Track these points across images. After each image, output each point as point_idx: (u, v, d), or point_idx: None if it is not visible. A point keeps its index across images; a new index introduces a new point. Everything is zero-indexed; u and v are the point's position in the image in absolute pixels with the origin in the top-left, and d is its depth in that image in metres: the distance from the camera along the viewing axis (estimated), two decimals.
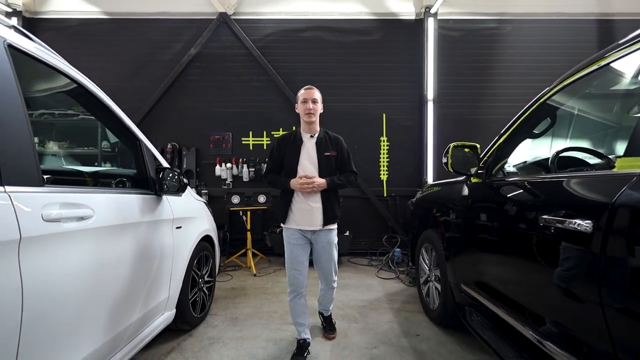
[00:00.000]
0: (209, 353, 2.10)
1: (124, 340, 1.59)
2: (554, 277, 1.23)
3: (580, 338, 1.13)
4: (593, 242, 1.02)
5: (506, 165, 1.95)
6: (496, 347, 1.61)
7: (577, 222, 1.08)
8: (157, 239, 1.88)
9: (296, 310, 2.10)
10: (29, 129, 1.11)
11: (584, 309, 1.08)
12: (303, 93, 2.04)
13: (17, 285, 0.98)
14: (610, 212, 0.98)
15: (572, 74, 1.45)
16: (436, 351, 2.13)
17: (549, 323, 1.28)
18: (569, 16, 4.56)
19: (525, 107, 1.71)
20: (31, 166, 1.11)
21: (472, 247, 1.93)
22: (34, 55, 1.25)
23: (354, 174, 2.15)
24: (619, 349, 0.96)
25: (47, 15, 4.60)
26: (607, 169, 1.12)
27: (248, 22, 4.65)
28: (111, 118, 1.78)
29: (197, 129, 4.68)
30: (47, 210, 1.11)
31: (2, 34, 1.13)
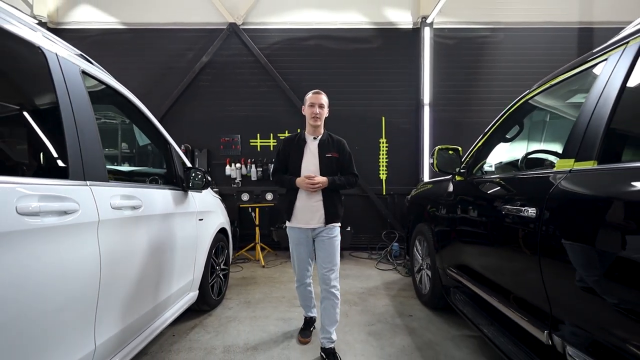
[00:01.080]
0: (227, 329, 2.42)
1: (163, 309, 1.91)
2: (512, 255, 1.54)
3: (530, 301, 1.43)
4: (536, 225, 1.33)
5: (485, 165, 2.26)
6: (472, 317, 1.92)
7: (527, 210, 1.39)
8: (185, 228, 2.20)
9: (303, 296, 2.30)
10: (99, 138, 1.44)
11: (531, 277, 1.39)
12: (311, 97, 2.09)
13: (96, 255, 1.30)
14: (546, 202, 1.29)
15: (535, 88, 1.76)
16: (426, 328, 2.44)
17: (510, 292, 1.58)
18: (556, 25, 4.84)
19: (498, 115, 2.02)
20: (101, 167, 1.43)
21: (456, 236, 2.23)
22: (97, 77, 1.58)
23: (355, 176, 2.16)
24: (553, 305, 1.27)
25: (69, 26, 4.94)
26: (551, 168, 1.43)
27: (256, 32, 4.97)
28: (148, 126, 2.10)
29: (209, 131, 5.00)
30: (113, 200, 1.43)
31: (77, 62, 1.45)
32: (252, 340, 2.24)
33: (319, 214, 2.05)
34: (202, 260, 2.49)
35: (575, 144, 1.28)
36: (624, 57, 1.19)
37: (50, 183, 1.14)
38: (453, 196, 2.28)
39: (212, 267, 2.75)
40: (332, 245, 2.06)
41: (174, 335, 2.32)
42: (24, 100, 1.24)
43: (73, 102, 1.31)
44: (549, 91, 1.68)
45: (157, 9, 4.94)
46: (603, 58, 1.30)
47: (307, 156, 2.09)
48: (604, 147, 1.16)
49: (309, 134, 2.14)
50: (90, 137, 1.37)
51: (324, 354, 1.99)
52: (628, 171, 1.03)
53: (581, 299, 1.13)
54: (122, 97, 1.84)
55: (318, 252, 2.11)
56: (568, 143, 1.34)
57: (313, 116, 2.05)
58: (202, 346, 2.16)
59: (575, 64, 1.49)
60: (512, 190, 1.63)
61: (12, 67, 1.19)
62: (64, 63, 1.33)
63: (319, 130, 2.12)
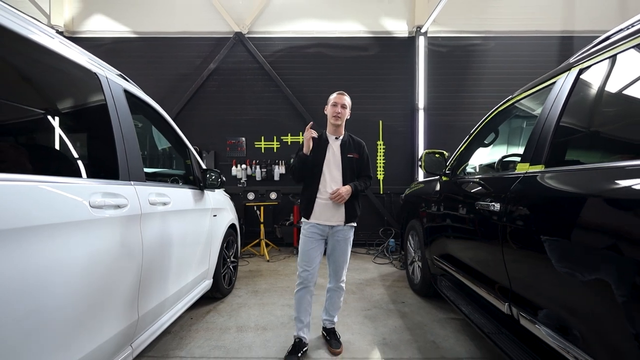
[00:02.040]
0: (239, 313, 2.71)
1: (183, 293, 2.20)
2: (483, 244, 1.83)
3: (496, 280, 1.72)
4: (499, 217, 1.62)
5: (468, 167, 2.54)
6: (454, 299, 2.21)
7: (494, 205, 1.68)
8: (202, 223, 2.49)
9: (301, 305, 2.10)
10: (138, 146, 1.73)
11: (496, 261, 1.67)
12: (335, 97, 2.11)
13: (139, 242, 1.59)
14: (507, 198, 1.58)
15: (505, 102, 2.05)
16: (416, 312, 2.73)
17: (482, 274, 1.87)
18: (542, 33, 5.13)
19: (477, 124, 2.31)
20: (141, 169, 1.72)
21: (441, 229, 2.52)
22: (133, 93, 1.87)
23: (370, 178, 2.23)
24: (513, 284, 1.56)
25: (84, 35, 5.24)
26: (514, 170, 1.71)
27: (260, 40, 5.27)
28: (171, 132, 2.39)
29: (216, 134, 5.29)
30: (150, 197, 1.73)
31: (120, 82, 1.74)
32: (262, 322, 2.53)
33: (340, 212, 2.07)
34: (215, 252, 2.78)
35: (530, 151, 1.57)
36: (567, 81, 1.48)
37: (107, 183, 1.43)
38: (439, 194, 2.57)
39: (224, 259, 3.04)
40: (347, 246, 2.13)
41: (191, 318, 2.61)
42: (88, 118, 1.53)
43: (120, 117, 1.60)
44: (516, 104, 1.98)
45: (167, 19, 5.23)
46: (553, 80, 1.60)
47: (330, 155, 2.11)
48: (549, 154, 1.45)
49: (330, 133, 2.16)
50: (132, 145, 1.66)
51: (325, 333, 2.24)
52: (566, 173, 1.32)
53: (531, 276, 1.42)
54: (151, 108, 2.14)
55: (333, 251, 2.13)
56: (526, 150, 1.63)
57: (334, 115, 2.08)
58: (217, 326, 2.45)
59: (535, 83, 1.78)
60: (485, 188, 1.92)
61: (77, 92, 1.48)
62: (112, 85, 1.63)
63: (340, 130, 2.15)
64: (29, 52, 1.20)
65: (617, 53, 1.23)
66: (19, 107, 1.19)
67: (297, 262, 2.14)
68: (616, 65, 1.25)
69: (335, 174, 2.09)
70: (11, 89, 1.16)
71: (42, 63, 1.29)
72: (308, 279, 2.09)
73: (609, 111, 1.33)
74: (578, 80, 1.42)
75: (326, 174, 2.08)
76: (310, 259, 2.09)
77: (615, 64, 1.25)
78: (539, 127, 1.56)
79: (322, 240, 2.12)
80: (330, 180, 2.07)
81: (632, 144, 1.20)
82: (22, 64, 1.22)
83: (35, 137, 1.35)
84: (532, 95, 1.81)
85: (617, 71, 1.26)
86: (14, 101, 1.17)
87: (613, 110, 1.32)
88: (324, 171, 2.09)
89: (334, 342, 2.15)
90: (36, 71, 1.29)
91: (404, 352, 2.09)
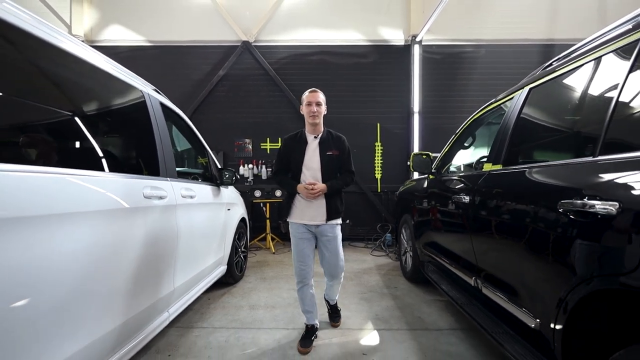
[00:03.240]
0: (250, 295, 3.08)
1: (205, 274, 2.57)
2: (458, 230, 2.19)
3: (467, 259, 2.07)
4: (468, 207, 1.98)
5: (452, 166, 2.90)
6: (437, 280, 2.56)
7: (465, 197, 2.04)
8: (219, 215, 2.86)
9: (305, 300, 2.18)
10: (172, 148, 2.09)
11: (467, 243, 2.03)
12: (308, 96, 2.08)
13: (174, 226, 1.96)
14: (473, 192, 1.94)
15: (478, 111, 2.40)
16: (406, 295, 3.08)
17: (457, 257, 2.23)
18: (528, 41, 5.47)
19: (458, 129, 2.67)
20: (174, 168, 2.09)
21: (428, 220, 2.87)
22: (165, 104, 2.24)
23: (351, 173, 2.20)
24: (478, 261, 1.91)
25: (102, 43, 5.61)
26: (481, 169, 2.07)
27: (266, 48, 5.64)
28: (193, 136, 2.76)
29: (224, 135, 5.66)
30: (182, 191, 2.09)
31: (156, 96, 2.11)
32: (271, 302, 2.90)
33: (321, 211, 2.06)
34: (229, 241, 3.15)
35: (493, 153, 1.93)
36: (520, 97, 1.84)
37: (153, 178, 1.80)
38: (426, 191, 2.93)
39: (236, 248, 3.40)
40: (336, 244, 2.14)
41: (209, 299, 2.97)
42: (139, 127, 1.89)
43: (159, 125, 1.97)
44: (487, 113, 2.33)
45: (180, 28, 5.61)
46: (512, 96, 1.95)
47: (308, 155, 2.08)
48: (506, 155, 1.80)
49: (309, 132, 2.13)
50: (167, 147, 2.03)
51: (329, 308, 2.46)
52: (516, 171, 1.67)
53: (488, 253, 1.78)
54: (177, 116, 2.51)
55: (324, 251, 2.14)
56: (490, 152, 1.99)
57: (311, 115, 2.05)
58: (232, 305, 2.82)
59: (501, 96, 2.14)
60: (460, 184, 2.27)
61: (132, 108, 1.84)
62: (152, 100, 2.00)
63: (318, 128, 2.11)
64: (101, 78, 1.57)
65: (557, 76, 1.58)
66: (95, 123, 1.56)
67: (293, 260, 2.18)
68: (556, 84, 1.61)
69: (315, 174, 2.07)
70: (90, 109, 1.53)
71: (111, 87, 1.66)
72: (305, 275, 2.14)
73: (548, 122, 1.69)
74: (528, 97, 1.78)
75: (306, 174, 2.07)
76: (304, 256, 2.12)
77: (556, 84, 1.61)
78: (500, 133, 1.92)
79: (311, 236, 2.14)
80: (311, 179, 2.07)
81: (561, 149, 1.56)
82: (99, 89, 1.59)
83: (110, 143, 1.72)
84: (497, 106, 2.17)
85: (557, 90, 1.62)
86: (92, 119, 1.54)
87: (551, 122, 1.68)
88: (303, 171, 2.07)
89: (334, 315, 2.42)
90: (107, 93, 1.66)
91: (393, 325, 2.45)
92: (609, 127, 1.13)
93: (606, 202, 0.99)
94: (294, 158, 2.11)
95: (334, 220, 2.12)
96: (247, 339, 2.22)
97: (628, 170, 0.98)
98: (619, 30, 1.23)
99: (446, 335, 2.28)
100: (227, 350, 2.08)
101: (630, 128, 1.08)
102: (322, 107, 2.09)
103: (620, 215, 0.94)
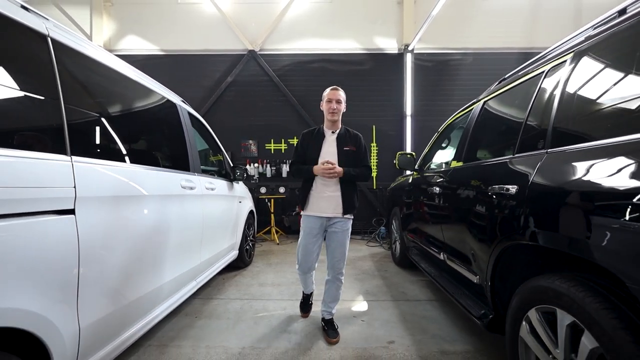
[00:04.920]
0: (258, 276, 3.55)
1: (221, 256, 3.04)
2: (432, 215, 2.65)
3: (437, 238, 2.53)
4: (440, 197, 2.44)
5: (433, 164, 3.36)
6: (418, 261, 3.03)
7: (437, 189, 2.50)
8: (232, 206, 3.34)
9: (305, 281, 2.40)
10: (197, 149, 2.57)
11: (437, 226, 2.49)
12: (329, 93, 2.11)
13: (201, 212, 2.43)
14: (444, 183, 2.40)
15: (452, 117, 2.87)
16: (394, 276, 3.55)
17: (432, 238, 2.69)
18: (510, 49, 5.94)
19: (437, 132, 3.13)
20: (199, 165, 2.56)
21: (412, 210, 3.34)
22: (190, 112, 2.71)
23: (368, 168, 2.21)
24: (446, 240, 2.37)
25: (119, 52, 6.10)
26: (449, 166, 2.53)
27: (270, 57, 6.11)
28: (211, 138, 3.24)
29: (232, 137, 6.14)
30: (206, 184, 2.57)
31: (184, 106, 2.58)
32: (277, 281, 3.37)
33: (335, 204, 2.09)
34: (240, 230, 3.62)
35: (457, 152, 2.39)
36: (477, 108, 2.30)
37: (186, 173, 2.27)
38: (411, 185, 3.39)
39: (245, 237, 3.88)
40: (345, 237, 2.14)
41: (223, 279, 3.45)
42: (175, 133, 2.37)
43: (188, 130, 2.45)
44: (458, 119, 2.80)
45: (191, 38, 6.09)
46: (473, 107, 2.41)
47: (325, 149, 2.12)
48: (465, 154, 2.26)
49: (327, 128, 2.19)
50: (194, 149, 2.51)
51: (324, 324, 2.24)
52: (469, 166, 2.13)
53: (450, 232, 2.25)
54: (199, 122, 2.99)
55: (330, 242, 2.16)
56: (455, 152, 2.45)
57: (331, 111, 2.10)
58: (244, 283, 3.29)
59: (466, 106, 2.60)
60: (435, 178, 2.74)
61: (171, 117, 2.32)
62: (182, 110, 2.47)
63: (336, 124, 2.17)
64: (154, 98, 2.05)
65: (500, 93, 2.04)
66: (155, 130, 2.04)
67: (297, 252, 2.25)
68: (499, 100, 2.07)
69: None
70: (152, 122, 2.01)
71: (157, 102, 2.14)
72: (307, 268, 2.25)
73: (492, 129, 2.15)
74: (482, 109, 2.24)
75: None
76: (308, 252, 2.18)
77: (499, 100, 2.07)
78: (463, 137, 2.38)
79: (320, 234, 2.16)
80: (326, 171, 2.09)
81: (497, 150, 2.02)
82: (155, 108, 2.07)
83: (162, 145, 2.21)
84: (464, 114, 2.64)
85: (500, 104, 2.08)
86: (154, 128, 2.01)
87: (494, 130, 2.14)
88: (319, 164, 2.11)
89: (331, 332, 2.14)
90: (157, 108, 2.14)
91: (380, 297, 2.92)
92: (521, 135, 1.59)
93: (510, 186, 1.46)
94: (311, 151, 2.14)
95: (349, 214, 2.14)
96: (258, 307, 2.70)
97: (523, 165, 1.45)
98: (549, 55, 1.66)
99: (423, 304, 2.75)
100: (242, 314, 2.55)
101: (532, 136, 1.54)
102: (341, 104, 2.13)
103: (517, 194, 1.41)
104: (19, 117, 1.12)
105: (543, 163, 1.33)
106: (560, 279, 1.17)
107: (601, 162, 1.07)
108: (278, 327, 2.33)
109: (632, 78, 1.12)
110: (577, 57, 1.38)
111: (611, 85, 1.19)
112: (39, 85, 1.19)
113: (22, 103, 1.13)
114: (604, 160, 1.06)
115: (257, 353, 1.98)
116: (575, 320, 1.08)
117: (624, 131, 1.04)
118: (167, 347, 2.03)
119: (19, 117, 1.12)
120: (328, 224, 2.14)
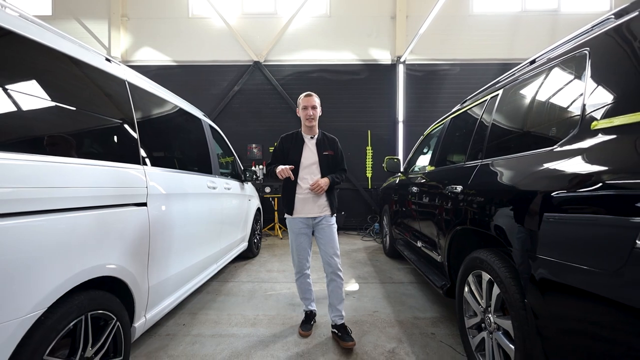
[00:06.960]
0: (265, 264, 4.08)
1: (234, 246, 3.57)
2: (413, 211, 3.18)
3: (417, 230, 3.05)
4: (418, 195, 2.96)
5: (416, 167, 3.88)
6: (402, 250, 3.56)
7: (416, 189, 3.03)
8: (243, 203, 3.86)
9: (302, 288, 2.37)
10: (217, 155, 3.10)
11: (415, 219, 3.00)
12: (303, 100, 2.18)
13: (221, 206, 2.96)
14: (423, 184, 2.93)
15: (429, 129, 3.39)
16: (383, 265, 4.08)
17: (412, 229, 3.21)
18: (491, 60, 6.47)
19: (418, 140, 3.65)
20: (218, 168, 3.09)
21: (398, 207, 3.86)
22: (209, 124, 3.24)
23: (344, 171, 2.34)
24: (421, 229, 2.89)
25: (135, 63, 6.63)
26: (426, 169, 3.05)
27: (274, 67, 6.64)
28: (224, 144, 3.77)
29: (238, 141, 6.64)
30: (224, 185, 3.10)
31: (205, 119, 3.11)
32: (282, 268, 3.90)
33: (319, 204, 2.20)
34: (249, 224, 4.15)
35: (432, 158, 2.91)
36: (446, 123, 2.82)
37: (209, 175, 2.80)
38: (398, 185, 3.92)
39: (253, 231, 4.40)
40: (332, 231, 2.22)
41: (235, 266, 3.98)
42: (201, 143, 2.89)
43: (209, 140, 2.98)
44: (436, 129, 3.32)
45: (200, 50, 6.62)
46: (444, 121, 2.94)
47: (305, 153, 2.20)
48: (437, 160, 2.79)
49: (305, 133, 2.25)
50: (215, 155, 3.04)
51: (336, 329, 2.14)
52: (438, 170, 2.66)
53: (423, 223, 2.77)
54: (217, 131, 3.52)
55: (320, 239, 2.22)
56: (431, 157, 2.98)
57: (307, 118, 2.17)
58: (253, 270, 3.82)
59: (440, 120, 3.12)
60: (416, 179, 3.26)
61: (197, 131, 2.84)
62: (205, 123, 3.00)
63: (314, 129, 2.24)
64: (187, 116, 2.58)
65: (462, 112, 2.56)
66: (192, 141, 2.56)
67: (291, 254, 2.36)
68: (461, 118, 2.59)
69: (312, 170, 2.19)
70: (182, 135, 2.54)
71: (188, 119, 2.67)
72: (302, 266, 2.32)
73: (455, 141, 2.68)
74: (450, 123, 2.76)
75: (303, 170, 2.19)
76: (302, 250, 2.27)
77: (461, 118, 2.59)
78: (436, 145, 2.91)
79: (308, 230, 2.24)
80: (310, 177, 2.19)
81: (456, 157, 2.55)
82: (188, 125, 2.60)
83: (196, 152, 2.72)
84: (438, 126, 3.16)
85: (461, 120, 2.60)
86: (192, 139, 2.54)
87: (456, 141, 2.67)
88: (300, 168, 2.18)
89: (345, 336, 2.07)
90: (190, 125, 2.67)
91: (370, 280, 3.44)
92: (470, 146, 2.12)
93: (458, 186, 1.99)
94: (292, 154, 2.20)
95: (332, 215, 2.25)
96: (267, 287, 3.22)
97: (467, 171, 1.98)
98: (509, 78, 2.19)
99: (405, 285, 3.28)
100: (255, 292, 3.08)
101: (476, 149, 2.06)
102: (317, 110, 2.20)
103: (461, 192, 1.94)
104: (111, 138, 1.65)
105: (478, 170, 1.86)
106: (484, 252, 1.70)
107: (509, 170, 1.59)
108: (284, 301, 2.86)
109: (531, 114, 1.65)
110: (505, 92, 1.91)
111: (520, 116, 1.72)
112: (123, 115, 1.72)
113: (112, 128, 1.66)
114: (510, 169, 1.58)
115: (268, 319, 2.51)
116: (490, 278, 1.60)
117: (523, 149, 1.56)
118: (196, 315, 2.56)
119: (112, 138, 1.65)
120: (314, 222, 2.23)
